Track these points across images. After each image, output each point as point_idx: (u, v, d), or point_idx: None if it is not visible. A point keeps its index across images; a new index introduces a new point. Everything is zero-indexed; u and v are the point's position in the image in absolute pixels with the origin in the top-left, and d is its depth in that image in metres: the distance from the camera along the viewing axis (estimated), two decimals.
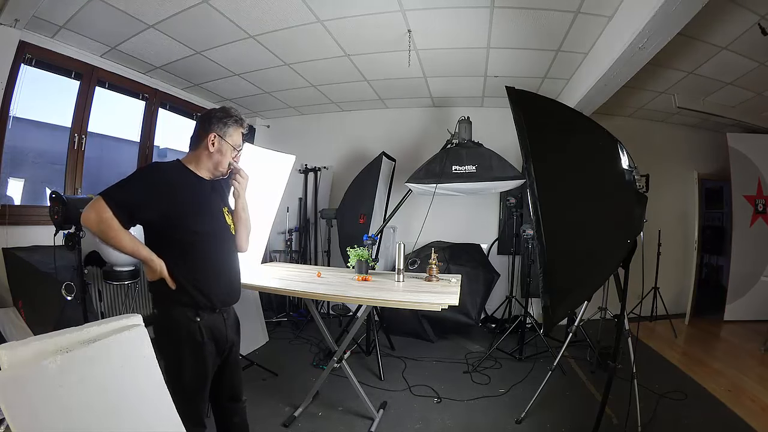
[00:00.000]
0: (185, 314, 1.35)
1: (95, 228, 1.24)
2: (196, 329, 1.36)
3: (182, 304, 1.35)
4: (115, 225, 1.24)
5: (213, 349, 1.41)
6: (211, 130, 1.41)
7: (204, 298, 1.38)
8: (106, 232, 1.24)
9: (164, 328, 1.38)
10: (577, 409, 2.42)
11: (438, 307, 1.85)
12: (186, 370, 1.36)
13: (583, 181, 1.73)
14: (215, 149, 1.41)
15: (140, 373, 1.39)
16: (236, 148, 1.46)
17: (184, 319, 1.35)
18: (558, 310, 1.69)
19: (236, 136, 1.45)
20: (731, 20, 2.46)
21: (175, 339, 1.36)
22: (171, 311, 1.36)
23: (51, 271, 2.29)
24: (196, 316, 1.36)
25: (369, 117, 4.72)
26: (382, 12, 2.55)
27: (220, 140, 1.41)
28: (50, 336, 1.20)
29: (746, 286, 4.23)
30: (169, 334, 1.36)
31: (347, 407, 2.43)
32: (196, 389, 1.40)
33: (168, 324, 1.37)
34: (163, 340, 1.37)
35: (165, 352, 1.36)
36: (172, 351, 1.36)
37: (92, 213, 1.23)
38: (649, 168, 4.01)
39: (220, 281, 1.44)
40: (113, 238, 1.25)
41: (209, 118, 1.42)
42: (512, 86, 1.72)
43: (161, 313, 1.39)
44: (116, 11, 2.48)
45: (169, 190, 1.33)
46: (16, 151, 2.82)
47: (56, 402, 1.09)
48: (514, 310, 3.88)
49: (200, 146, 1.42)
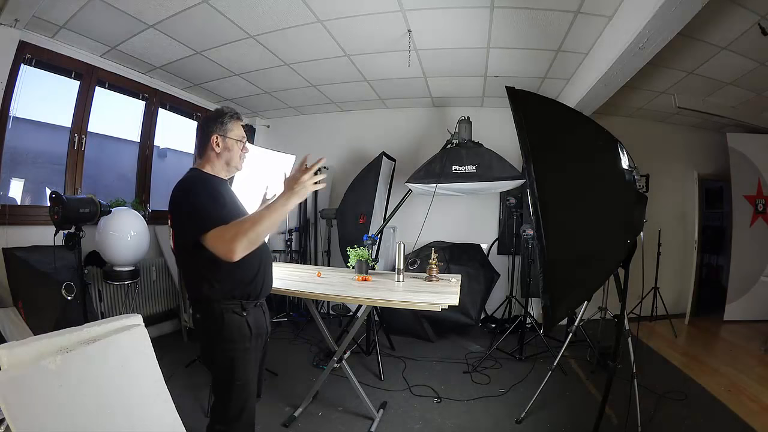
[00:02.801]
0: (231, 311, 1.34)
1: (240, 247, 1.18)
2: (245, 325, 1.36)
3: (228, 302, 1.34)
4: (233, 231, 1.19)
5: (257, 343, 1.43)
6: (212, 132, 1.43)
7: (252, 290, 1.39)
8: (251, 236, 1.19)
9: (211, 330, 1.35)
10: (577, 409, 2.42)
11: (438, 307, 1.85)
12: (240, 370, 1.35)
13: (583, 181, 1.73)
14: (222, 148, 1.44)
15: (140, 373, 1.39)
16: (241, 140, 1.48)
17: (233, 317, 1.34)
18: (558, 310, 1.69)
19: (237, 129, 1.48)
20: (731, 20, 2.46)
21: (226, 339, 1.33)
22: (216, 311, 1.33)
23: (51, 271, 2.29)
24: (243, 311, 1.36)
25: (369, 117, 4.72)
26: (382, 12, 2.55)
27: (223, 138, 1.44)
28: (50, 336, 1.20)
29: (746, 286, 4.23)
30: (218, 335, 1.34)
31: (347, 407, 2.43)
32: (251, 390, 1.40)
33: (216, 325, 1.34)
34: (212, 344, 1.36)
35: (216, 355, 1.36)
36: (225, 353, 1.34)
37: (228, 245, 1.18)
38: (649, 168, 4.03)
39: (260, 271, 1.45)
40: (252, 232, 1.19)
41: (207, 122, 1.46)
42: (512, 86, 1.72)
43: (205, 315, 1.36)
44: (116, 11, 2.48)
45: (219, 196, 1.35)
46: (16, 151, 2.82)
47: (56, 402, 1.09)
48: (514, 310, 3.88)
49: (207, 151, 1.45)
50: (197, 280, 1.34)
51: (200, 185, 1.36)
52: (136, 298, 3.32)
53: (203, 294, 1.34)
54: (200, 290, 1.34)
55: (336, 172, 4.79)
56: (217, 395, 1.41)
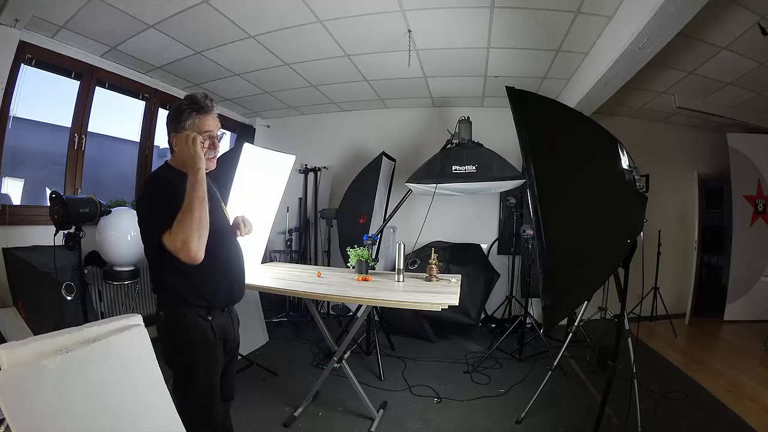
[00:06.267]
0: (196, 314, 1.31)
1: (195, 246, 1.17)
2: (209, 329, 1.33)
3: (192, 304, 1.31)
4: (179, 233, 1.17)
5: (221, 348, 1.40)
6: (171, 131, 1.37)
7: (216, 297, 1.35)
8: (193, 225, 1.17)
9: (174, 331, 1.32)
10: (577, 409, 2.42)
11: (438, 307, 1.85)
12: (201, 373, 1.33)
13: (583, 181, 1.73)
14: (178, 147, 1.35)
15: (140, 373, 1.39)
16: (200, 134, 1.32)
17: (197, 320, 1.31)
18: (558, 310, 1.69)
19: (200, 125, 1.34)
20: (731, 20, 2.46)
21: (188, 340, 1.31)
22: (181, 312, 1.31)
23: (51, 271, 2.28)
24: (208, 315, 1.33)
25: (369, 117, 4.72)
26: (382, 12, 2.54)
27: (176, 136, 1.35)
28: (50, 336, 1.20)
29: (746, 286, 4.22)
30: (180, 336, 1.31)
31: (347, 407, 2.43)
32: (212, 392, 1.37)
33: (179, 326, 1.31)
34: (173, 343, 1.33)
35: (176, 355, 1.33)
36: (185, 354, 1.32)
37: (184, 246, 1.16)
38: (649, 168, 4.02)
39: (230, 279, 1.41)
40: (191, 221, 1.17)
41: (166, 122, 1.40)
42: (512, 86, 1.72)
43: (169, 315, 1.33)
44: (116, 11, 2.47)
45: (173, 195, 1.26)
46: (16, 151, 2.82)
47: (56, 402, 1.09)
48: (514, 310, 3.88)
49: (173, 150, 1.40)
50: (161, 278, 1.32)
51: (162, 183, 1.30)
52: (136, 298, 3.32)
53: (167, 293, 1.32)
54: (164, 289, 1.32)
55: (336, 172, 4.79)
56: (177, 395, 1.37)
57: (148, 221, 1.27)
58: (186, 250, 1.16)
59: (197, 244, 1.17)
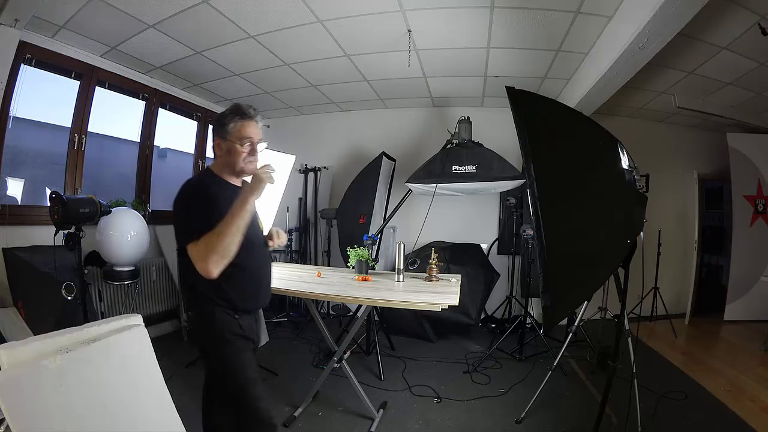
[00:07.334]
0: (225, 312, 1.35)
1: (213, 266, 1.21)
2: (237, 326, 1.37)
3: (222, 305, 1.35)
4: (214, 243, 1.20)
5: (249, 344, 1.45)
6: (215, 135, 1.42)
7: (242, 303, 1.39)
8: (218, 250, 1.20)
9: (204, 329, 1.37)
10: (577, 409, 2.42)
11: (438, 307, 1.85)
12: (241, 368, 1.37)
13: (583, 181, 1.73)
14: (223, 152, 1.41)
15: (140, 373, 1.39)
16: (242, 141, 1.38)
17: (228, 318, 1.36)
18: (558, 310, 1.69)
19: (242, 130, 1.39)
20: (731, 20, 2.46)
21: (219, 337, 1.35)
22: (209, 310, 1.35)
23: (51, 271, 2.29)
24: (235, 314, 1.38)
25: (369, 117, 4.72)
26: (382, 12, 2.55)
27: (224, 140, 1.40)
28: (50, 336, 1.20)
29: (746, 286, 4.22)
30: (211, 333, 1.36)
31: (347, 407, 2.43)
32: (257, 382, 1.41)
33: (208, 323, 1.36)
34: (207, 341, 1.39)
35: (212, 352, 1.39)
36: (221, 349, 1.36)
37: (202, 264, 1.21)
38: (649, 168, 4.01)
39: (257, 286, 1.46)
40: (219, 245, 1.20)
41: (213, 124, 1.45)
42: (512, 86, 1.72)
43: (199, 314, 1.38)
44: (116, 11, 2.48)
45: (208, 205, 1.29)
46: (16, 151, 2.82)
47: (56, 402, 1.09)
48: (514, 310, 3.88)
49: (214, 154, 1.45)
50: (189, 279, 1.35)
51: (198, 191, 1.34)
52: (136, 298, 3.32)
53: (194, 294, 1.36)
54: (191, 289, 1.36)
55: (336, 172, 4.79)
56: (220, 394, 1.44)
57: (179, 226, 1.31)
58: (203, 267, 1.21)
59: (215, 267, 1.21)
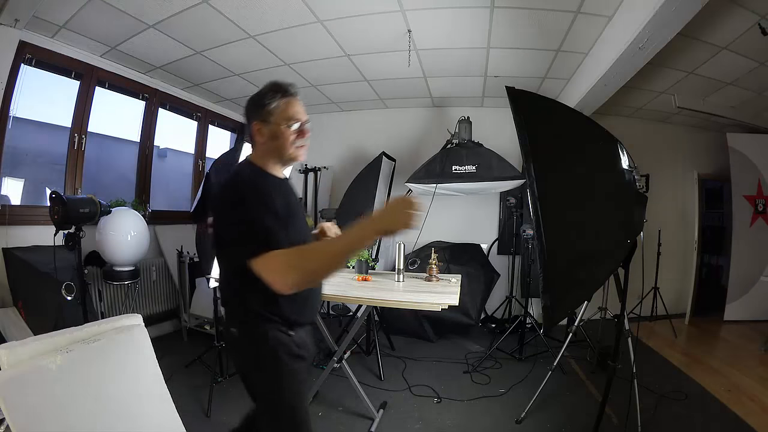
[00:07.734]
0: (278, 330, 1.13)
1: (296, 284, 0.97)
2: (292, 344, 1.16)
3: (274, 321, 1.13)
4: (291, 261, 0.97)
5: (304, 366, 1.24)
6: (252, 119, 1.19)
7: (296, 315, 1.17)
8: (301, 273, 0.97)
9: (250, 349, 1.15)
10: (577, 409, 2.41)
11: (438, 307, 1.85)
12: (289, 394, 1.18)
13: (583, 181, 1.73)
14: (266, 137, 1.18)
15: (140, 372, 1.39)
16: (289, 123, 1.18)
17: (281, 336, 1.14)
18: (558, 310, 1.69)
19: (286, 109, 1.19)
20: (731, 20, 2.46)
21: (269, 358, 1.13)
22: (260, 328, 1.12)
23: (51, 271, 2.29)
24: (290, 330, 1.15)
25: (369, 117, 4.72)
26: (382, 12, 2.54)
27: (266, 124, 1.17)
28: (50, 336, 1.20)
29: (746, 286, 4.22)
30: (259, 353, 1.14)
31: (347, 407, 2.43)
32: (306, 417, 1.25)
33: (256, 343, 1.13)
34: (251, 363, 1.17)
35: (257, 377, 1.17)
36: (269, 374, 1.14)
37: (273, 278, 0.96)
38: (649, 168, 4.02)
39: (311, 294, 1.23)
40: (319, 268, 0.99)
41: (247, 107, 1.22)
42: (512, 86, 1.72)
43: (245, 332, 1.14)
44: (116, 11, 2.47)
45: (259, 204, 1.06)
46: (16, 151, 2.82)
47: (56, 402, 1.09)
48: (514, 310, 3.88)
49: (255, 142, 1.21)
50: (235, 293, 1.15)
51: (249, 190, 1.08)
52: (136, 298, 3.32)
53: (240, 308, 1.14)
54: (237, 303, 1.15)
55: (336, 172, 4.79)
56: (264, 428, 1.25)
57: (229, 238, 1.06)
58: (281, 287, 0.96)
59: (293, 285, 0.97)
